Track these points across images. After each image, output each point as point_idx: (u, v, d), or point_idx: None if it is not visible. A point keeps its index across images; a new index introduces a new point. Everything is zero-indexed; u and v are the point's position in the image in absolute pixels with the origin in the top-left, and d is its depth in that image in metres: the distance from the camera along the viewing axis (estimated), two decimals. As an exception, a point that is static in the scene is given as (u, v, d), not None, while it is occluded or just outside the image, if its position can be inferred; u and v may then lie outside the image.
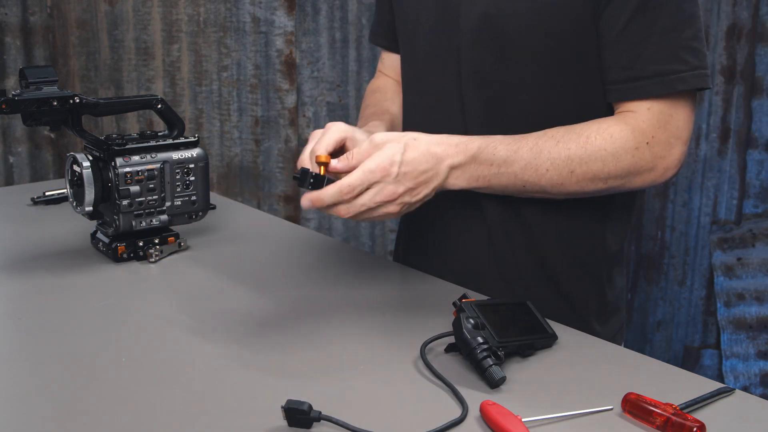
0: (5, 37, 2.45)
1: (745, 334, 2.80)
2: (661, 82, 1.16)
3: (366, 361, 1.07)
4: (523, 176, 1.17)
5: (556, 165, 1.16)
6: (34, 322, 1.17)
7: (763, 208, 2.86)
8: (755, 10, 2.75)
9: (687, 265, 2.91)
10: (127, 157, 1.35)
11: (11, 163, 2.53)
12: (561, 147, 1.17)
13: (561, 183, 1.18)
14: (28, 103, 1.29)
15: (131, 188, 1.34)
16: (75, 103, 1.33)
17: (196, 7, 2.53)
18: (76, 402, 0.96)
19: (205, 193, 1.43)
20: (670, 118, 1.18)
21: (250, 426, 0.91)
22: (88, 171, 1.32)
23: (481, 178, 1.17)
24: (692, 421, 0.89)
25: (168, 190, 1.39)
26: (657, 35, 1.15)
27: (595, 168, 1.17)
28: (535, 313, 1.12)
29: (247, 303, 1.24)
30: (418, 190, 1.13)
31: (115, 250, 1.37)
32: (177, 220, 1.41)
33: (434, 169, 1.13)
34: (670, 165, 1.19)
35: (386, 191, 1.10)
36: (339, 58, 2.62)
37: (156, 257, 1.38)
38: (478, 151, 1.16)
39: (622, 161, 1.17)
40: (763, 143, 2.81)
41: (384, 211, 1.12)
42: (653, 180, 1.20)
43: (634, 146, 1.17)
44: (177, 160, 1.39)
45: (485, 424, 0.91)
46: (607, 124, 1.18)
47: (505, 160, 1.16)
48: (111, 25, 2.51)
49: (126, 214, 1.35)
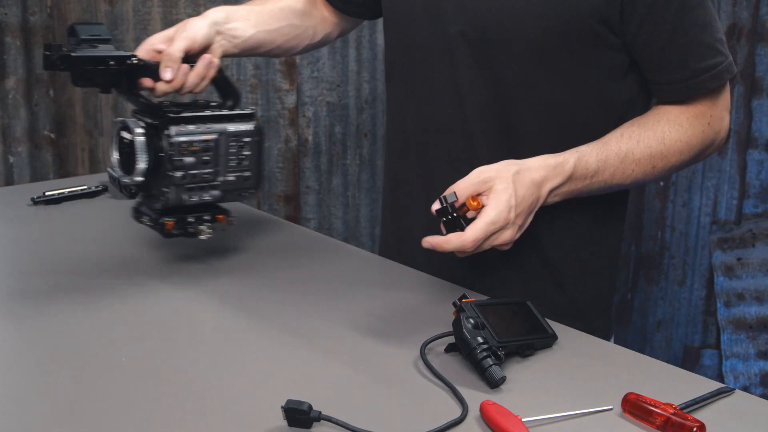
0: (5, 37, 2.45)
1: (745, 334, 2.80)
2: (712, 77, 1.23)
3: (366, 361, 1.07)
4: (611, 182, 1.23)
5: (640, 165, 1.23)
6: (34, 322, 1.16)
7: (763, 208, 2.86)
8: (755, 10, 2.75)
9: (687, 265, 2.91)
10: (183, 125, 1.25)
11: (11, 163, 2.53)
12: (642, 147, 1.22)
13: (643, 179, 1.25)
14: (84, 60, 1.20)
15: (186, 159, 1.25)
16: (132, 64, 1.24)
17: (196, 7, 2.53)
18: (76, 402, 0.96)
19: (258, 169, 1.33)
20: (719, 95, 1.26)
21: (250, 426, 0.91)
22: (141, 138, 1.23)
23: (575, 192, 1.22)
24: (692, 421, 0.89)
25: (222, 164, 1.29)
26: (700, 33, 1.21)
27: (674, 159, 1.24)
28: (535, 313, 1.12)
29: (247, 303, 1.23)
30: (527, 220, 1.17)
31: (163, 226, 1.29)
32: (228, 197, 1.32)
33: (536, 194, 1.17)
34: (724, 134, 1.29)
35: (505, 236, 1.13)
36: (339, 58, 2.62)
37: (207, 234, 1.31)
38: (574, 170, 1.20)
39: (695, 147, 1.25)
40: (763, 143, 2.81)
41: (499, 248, 1.16)
42: (712, 152, 1.30)
43: (700, 130, 1.25)
44: (232, 133, 1.29)
45: (485, 424, 0.91)
46: (674, 115, 1.24)
47: (597, 171, 1.21)
48: (111, 25, 2.51)
49: (178, 187, 1.26)
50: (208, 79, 1.30)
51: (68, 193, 1.68)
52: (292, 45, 1.50)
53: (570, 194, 1.22)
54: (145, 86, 1.26)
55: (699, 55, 1.22)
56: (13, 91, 2.49)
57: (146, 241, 1.49)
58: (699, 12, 1.20)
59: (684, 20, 1.19)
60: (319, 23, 1.53)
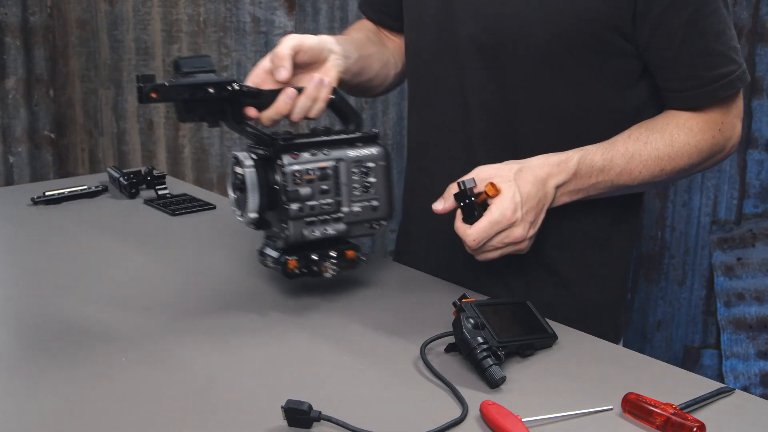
0: (5, 37, 2.45)
1: (745, 334, 2.80)
2: (724, 85, 1.22)
3: (366, 361, 1.07)
4: (618, 182, 1.22)
5: (648, 166, 1.22)
6: (34, 321, 1.16)
7: (763, 208, 2.86)
8: (755, 10, 2.75)
9: (687, 265, 2.91)
10: (296, 154, 1.15)
11: (11, 163, 2.53)
12: (650, 148, 1.22)
13: (651, 181, 1.24)
14: (179, 89, 1.11)
15: (301, 189, 1.15)
16: (233, 90, 1.14)
17: (196, 7, 2.53)
18: (75, 402, 0.96)
19: (388, 197, 1.21)
20: (731, 103, 1.26)
21: (250, 426, 0.91)
22: (251, 171, 1.14)
23: (581, 191, 1.21)
24: (692, 421, 0.89)
25: (345, 194, 1.18)
26: (712, 41, 1.20)
27: (682, 162, 1.23)
28: (535, 313, 1.12)
29: (247, 303, 1.23)
30: (538, 219, 1.17)
31: (285, 265, 1.18)
32: (356, 230, 1.20)
33: (543, 191, 1.16)
34: (735, 141, 1.28)
35: (515, 235, 1.13)
36: (339, 58, 2.62)
37: (332, 271, 1.19)
38: (578, 167, 1.19)
39: (704, 151, 1.24)
40: (763, 143, 2.81)
41: (515, 249, 1.16)
42: (723, 158, 1.29)
43: (711, 135, 1.24)
44: (354, 158, 1.18)
45: (485, 424, 0.91)
46: (684, 119, 1.24)
47: (602, 170, 1.20)
48: (111, 25, 2.51)
49: (297, 220, 1.16)
50: (321, 101, 1.19)
51: (68, 193, 1.68)
52: (384, 74, 1.44)
53: (579, 193, 1.21)
54: (250, 115, 1.17)
55: (711, 64, 1.21)
56: (13, 91, 2.49)
57: (146, 241, 1.49)
58: (712, 20, 1.19)
59: (696, 28, 1.19)
60: (395, 52, 1.47)
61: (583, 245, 1.32)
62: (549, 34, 1.20)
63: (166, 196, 1.70)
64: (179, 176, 2.55)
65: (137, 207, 1.66)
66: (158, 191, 1.70)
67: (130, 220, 1.60)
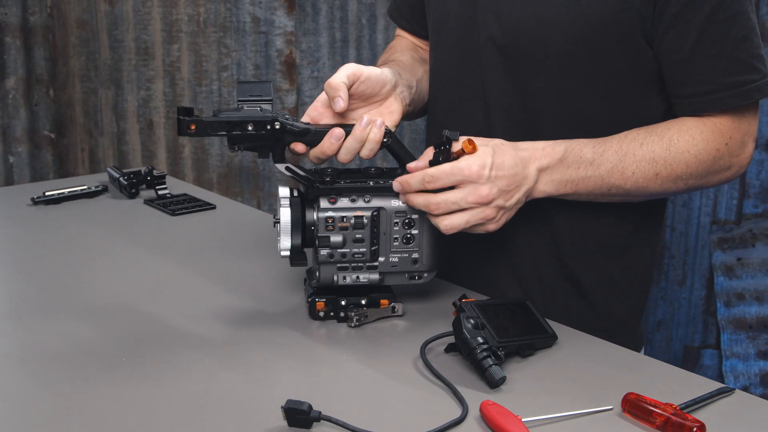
0: (5, 37, 2.45)
1: (745, 334, 2.80)
2: (738, 94, 1.16)
3: (366, 360, 1.07)
4: (609, 179, 1.17)
5: (641, 168, 1.17)
6: (34, 321, 1.16)
7: (763, 208, 2.86)
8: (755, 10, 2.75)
9: (687, 265, 2.91)
10: (334, 198, 1.12)
11: (11, 163, 2.53)
12: (645, 149, 1.17)
13: (645, 186, 1.18)
14: (217, 125, 1.09)
15: (332, 237, 1.12)
16: (275, 129, 1.10)
17: (196, 7, 2.53)
18: (75, 402, 0.96)
19: (431, 250, 1.15)
20: (744, 118, 1.19)
21: (250, 426, 0.91)
22: (286, 210, 1.12)
23: (569, 182, 1.16)
24: (692, 421, 0.89)
25: (383, 243, 1.14)
26: (731, 47, 1.15)
27: (679, 170, 1.17)
28: (535, 313, 1.12)
29: (247, 303, 1.23)
30: (511, 193, 1.11)
31: (313, 305, 1.16)
32: (392, 279, 1.16)
33: (523, 172, 1.12)
34: (744, 162, 1.21)
35: (479, 192, 1.08)
36: (339, 58, 2.62)
37: (356, 322, 1.15)
38: (565, 154, 1.15)
39: (704, 162, 1.18)
40: (763, 143, 2.81)
41: (481, 216, 1.09)
42: (728, 178, 1.22)
43: (715, 147, 1.18)
44: (396, 208, 1.13)
45: (485, 424, 0.91)
46: (688, 126, 1.18)
47: (592, 162, 1.16)
48: (111, 25, 2.51)
49: (326, 265, 1.14)
50: (371, 143, 1.13)
51: (68, 193, 1.68)
52: None
53: (566, 185, 1.16)
54: (298, 151, 1.14)
55: (726, 70, 1.16)
56: (13, 91, 2.49)
57: (146, 241, 1.49)
58: (733, 24, 1.14)
59: (713, 31, 1.14)
60: None
61: (603, 255, 1.29)
62: (570, 38, 1.17)
63: (166, 196, 1.70)
64: (179, 176, 2.55)
65: (137, 207, 1.66)
66: (158, 191, 1.70)
67: (130, 220, 1.60)
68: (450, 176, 1.08)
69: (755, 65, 1.16)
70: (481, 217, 1.10)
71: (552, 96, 1.21)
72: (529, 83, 1.22)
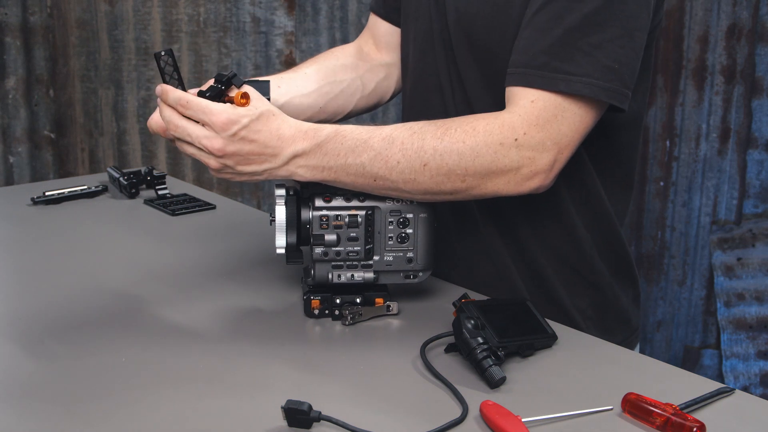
0: (5, 37, 2.45)
1: (745, 334, 2.80)
2: (543, 76, 1.08)
3: (366, 361, 1.07)
4: (371, 168, 1.09)
5: (407, 156, 1.08)
6: (34, 321, 1.16)
7: (763, 208, 2.86)
8: (755, 10, 2.75)
9: (687, 265, 2.91)
10: (329, 197, 1.14)
11: (11, 163, 2.53)
12: (415, 138, 1.09)
13: (413, 178, 1.09)
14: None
15: (327, 235, 1.13)
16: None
17: (196, 7, 2.53)
18: (75, 402, 0.96)
19: (426, 250, 1.16)
20: (554, 119, 1.09)
21: (250, 426, 0.91)
22: (281, 208, 1.15)
23: (327, 169, 1.10)
24: (692, 421, 0.89)
25: (377, 242, 1.15)
26: (560, 30, 1.08)
27: (451, 162, 1.08)
28: (535, 313, 1.12)
29: (247, 303, 1.23)
30: (249, 162, 1.09)
31: (308, 303, 1.17)
32: (386, 278, 1.17)
33: (274, 151, 1.09)
34: (538, 170, 1.09)
35: (213, 143, 1.08)
36: (339, 58, 2.62)
37: (351, 320, 1.16)
38: (326, 140, 1.09)
39: (482, 156, 1.08)
40: (763, 143, 2.81)
41: (206, 160, 1.11)
42: (517, 184, 1.10)
43: (498, 141, 1.08)
44: (391, 208, 1.14)
45: (485, 424, 0.91)
46: (474, 117, 1.11)
47: (353, 150, 1.09)
48: (111, 25, 2.51)
49: (321, 263, 1.15)
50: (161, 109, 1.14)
51: (68, 193, 1.68)
52: (340, 103, 1.40)
53: (323, 172, 1.10)
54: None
55: (543, 49, 1.09)
56: (13, 91, 2.49)
57: (146, 241, 1.49)
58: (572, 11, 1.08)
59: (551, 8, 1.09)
60: (365, 73, 1.44)
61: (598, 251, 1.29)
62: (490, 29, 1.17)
63: (166, 196, 1.70)
64: (179, 176, 2.55)
65: (137, 207, 1.66)
66: (158, 191, 1.70)
67: (130, 220, 1.60)
68: (199, 112, 1.08)
69: (577, 59, 1.08)
70: (205, 161, 1.12)
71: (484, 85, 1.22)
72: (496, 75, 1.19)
